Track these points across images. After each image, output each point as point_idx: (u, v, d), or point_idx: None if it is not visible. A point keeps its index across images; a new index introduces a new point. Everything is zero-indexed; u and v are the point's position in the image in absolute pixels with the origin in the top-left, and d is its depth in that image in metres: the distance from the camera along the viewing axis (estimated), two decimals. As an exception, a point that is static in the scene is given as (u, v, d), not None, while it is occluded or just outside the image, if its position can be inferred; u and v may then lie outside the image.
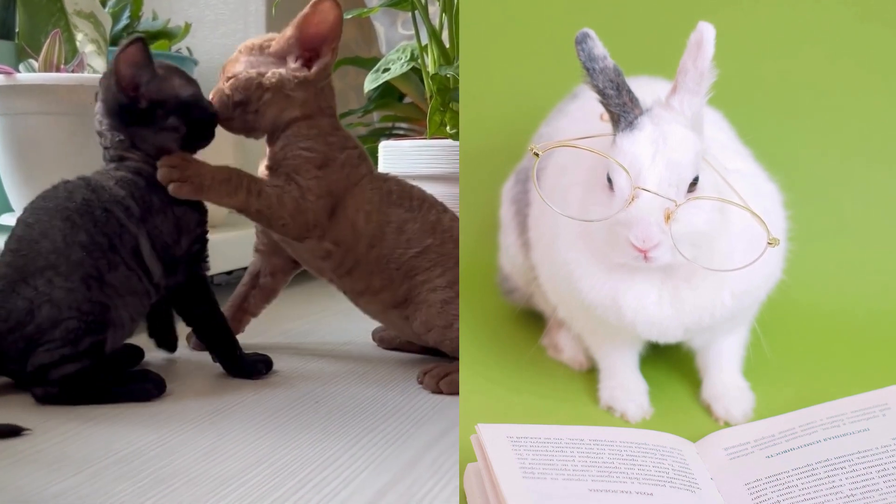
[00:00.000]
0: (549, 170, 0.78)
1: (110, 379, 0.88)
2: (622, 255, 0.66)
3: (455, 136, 1.18)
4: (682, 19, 0.72)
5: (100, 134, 0.96)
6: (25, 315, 0.86)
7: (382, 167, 1.29)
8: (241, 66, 0.98)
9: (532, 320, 0.90)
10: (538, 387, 0.80)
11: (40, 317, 0.85)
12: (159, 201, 0.93)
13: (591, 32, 0.66)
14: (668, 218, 0.63)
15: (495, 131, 1.02)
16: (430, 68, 1.27)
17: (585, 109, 0.79)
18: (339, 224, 0.97)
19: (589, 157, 0.68)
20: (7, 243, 0.90)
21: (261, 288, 1.10)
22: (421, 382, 0.94)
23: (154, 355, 1.05)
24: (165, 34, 1.73)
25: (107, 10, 1.50)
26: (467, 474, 0.64)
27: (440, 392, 0.92)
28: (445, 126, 1.20)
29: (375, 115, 1.63)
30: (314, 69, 0.97)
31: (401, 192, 1.00)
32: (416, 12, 1.26)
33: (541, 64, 1.01)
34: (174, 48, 1.77)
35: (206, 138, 0.99)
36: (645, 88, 0.68)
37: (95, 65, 1.33)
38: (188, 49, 1.81)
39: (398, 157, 1.26)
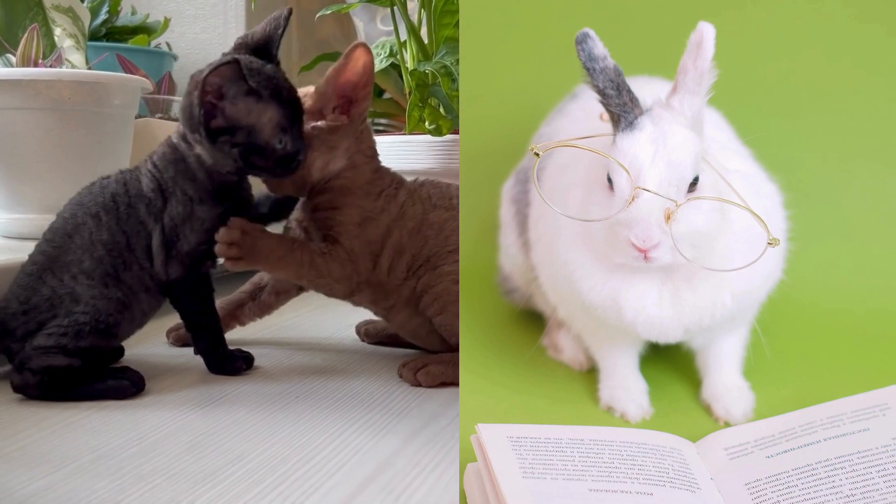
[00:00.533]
0: (549, 170, 0.78)
1: (89, 375, 0.88)
2: (622, 256, 0.66)
3: (433, 132, 1.19)
4: (682, 19, 0.72)
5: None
6: (45, 302, 0.88)
7: None
8: None
9: (532, 320, 0.90)
10: (538, 387, 0.80)
11: (59, 308, 0.87)
12: (182, 193, 0.92)
13: (592, 32, 0.66)
14: (668, 218, 0.63)
15: (495, 131, 1.02)
16: (409, 64, 1.27)
17: (585, 109, 0.79)
18: (382, 255, 0.96)
19: (589, 157, 0.68)
20: (45, 233, 0.93)
21: (260, 302, 1.10)
22: (401, 376, 0.95)
23: (134, 352, 1.05)
24: (144, 29, 1.73)
25: (85, 4, 1.49)
26: (467, 474, 0.64)
27: (419, 384, 0.92)
28: (424, 122, 1.20)
29: (355, 111, 1.63)
30: (352, 114, 0.96)
31: (439, 195, 0.99)
32: (395, 8, 1.26)
33: (541, 64, 1.01)
34: (153, 43, 1.76)
35: (265, 176, 0.95)
36: (645, 88, 0.68)
37: (74, 60, 1.32)
38: (167, 44, 1.81)
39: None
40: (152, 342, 1.10)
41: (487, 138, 1.01)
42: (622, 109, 0.66)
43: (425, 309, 0.97)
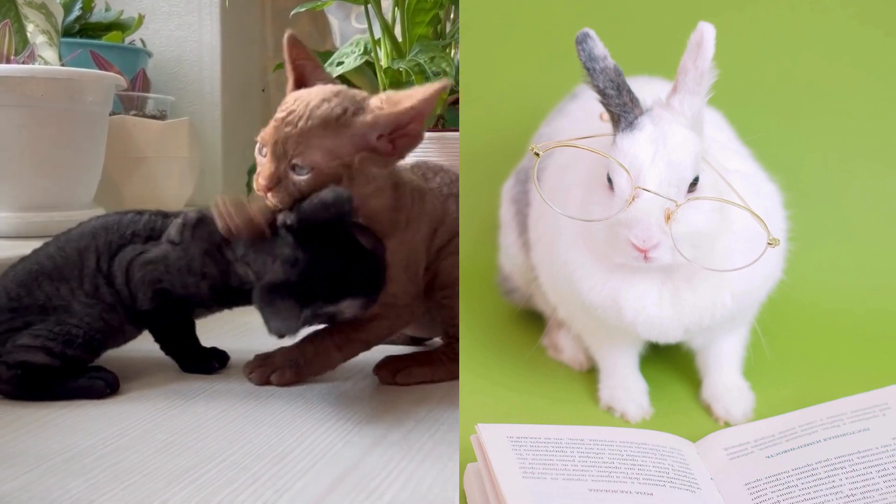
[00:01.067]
0: (550, 170, 0.78)
1: (63, 374, 0.88)
2: (622, 256, 0.66)
3: None
4: (682, 19, 0.72)
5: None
6: (37, 306, 0.88)
7: None
8: None
9: (532, 320, 0.90)
10: (538, 387, 0.80)
11: (51, 315, 0.87)
12: (191, 258, 0.90)
13: (592, 32, 0.66)
14: (668, 218, 0.63)
15: (495, 131, 1.02)
16: (383, 62, 1.27)
17: (585, 109, 0.79)
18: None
19: (589, 157, 0.68)
20: (60, 236, 0.93)
21: None
22: (378, 377, 0.95)
23: (109, 351, 1.05)
24: (118, 25, 1.72)
25: (58, 0, 1.49)
26: (467, 474, 0.64)
27: (396, 384, 0.92)
28: None
29: (331, 108, 1.63)
30: (399, 147, 0.89)
31: (449, 182, 0.98)
32: (370, 6, 1.26)
33: (541, 64, 1.01)
34: (127, 40, 1.75)
35: None
36: (645, 88, 0.68)
37: (46, 56, 1.32)
38: (142, 41, 1.80)
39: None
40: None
41: (487, 138, 1.01)
42: (622, 109, 0.66)
43: (438, 291, 0.95)
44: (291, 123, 0.84)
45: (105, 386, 0.88)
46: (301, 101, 0.85)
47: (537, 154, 0.67)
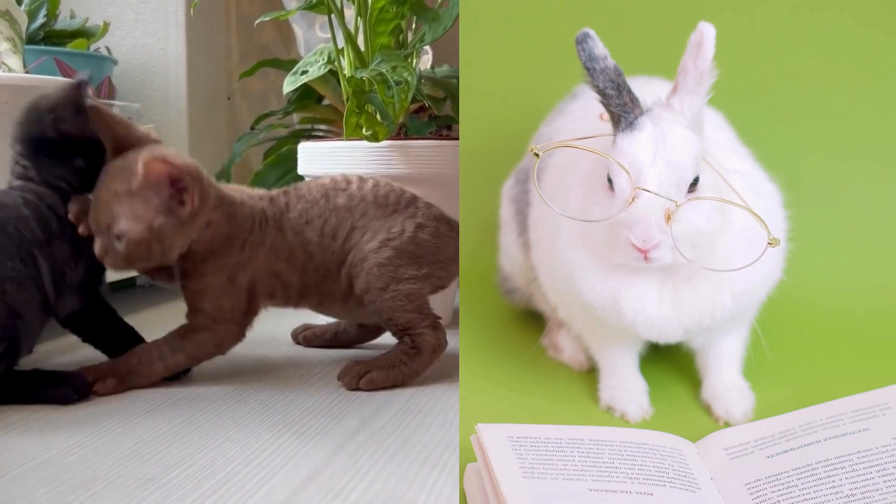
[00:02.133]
0: (550, 170, 0.78)
1: (31, 380, 0.88)
2: (622, 256, 0.66)
3: (370, 138, 1.19)
4: (682, 19, 0.72)
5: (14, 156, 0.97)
6: None
7: (301, 168, 1.30)
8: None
9: (532, 320, 0.90)
10: (538, 387, 0.81)
11: None
12: (58, 226, 0.92)
13: (592, 32, 0.66)
14: (668, 218, 0.63)
15: (495, 131, 1.02)
16: (347, 71, 1.28)
17: (585, 109, 0.79)
18: (282, 280, 0.98)
19: (590, 157, 0.68)
20: None
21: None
22: (342, 382, 0.95)
23: (74, 357, 1.04)
24: (83, 33, 1.70)
25: (23, 7, 1.47)
26: (467, 474, 0.64)
27: (359, 390, 0.93)
28: (361, 128, 1.21)
29: (295, 117, 1.63)
30: (192, 205, 0.92)
31: (308, 212, 1.00)
32: (333, 16, 1.27)
33: (541, 64, 1.01)
34: (92, 47, 1.74)
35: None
36: (645, 88, 0.68)
37: (11, 63, 1.31)
38: (107, 48, 1.79)
39: (316, 159, 1.27)
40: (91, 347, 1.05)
41: (487, 138, 1.02)
42: (622, 109, 0.66)
43: (358, 288, 0.97)
44: (100, 198, 0.90)
45: (73, 393, 0.87)
46: (104, 173, 0.92)
47: (537, 154, 0.67)
